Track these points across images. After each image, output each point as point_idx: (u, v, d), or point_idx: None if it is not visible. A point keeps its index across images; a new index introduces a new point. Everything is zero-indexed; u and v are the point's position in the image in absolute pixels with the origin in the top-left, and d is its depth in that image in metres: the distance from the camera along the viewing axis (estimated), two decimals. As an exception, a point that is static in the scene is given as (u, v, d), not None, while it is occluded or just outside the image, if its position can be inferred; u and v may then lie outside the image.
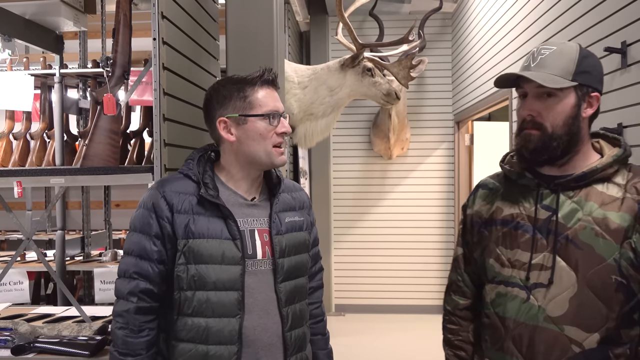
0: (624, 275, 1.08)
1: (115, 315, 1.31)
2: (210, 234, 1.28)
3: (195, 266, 1.27)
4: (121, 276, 1.32)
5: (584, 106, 1.19)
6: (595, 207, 1.13)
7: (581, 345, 1.08)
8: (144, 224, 1.30)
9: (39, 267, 3.16)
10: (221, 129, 1.32)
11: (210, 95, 1.36)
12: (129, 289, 1.29)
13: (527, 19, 3.05)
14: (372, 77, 3.32)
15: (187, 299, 1.28)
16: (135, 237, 1.31)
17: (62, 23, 2.56)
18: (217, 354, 1.27)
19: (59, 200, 2.98)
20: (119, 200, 4.81)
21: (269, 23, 2.16)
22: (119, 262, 1.36)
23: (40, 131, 2.58)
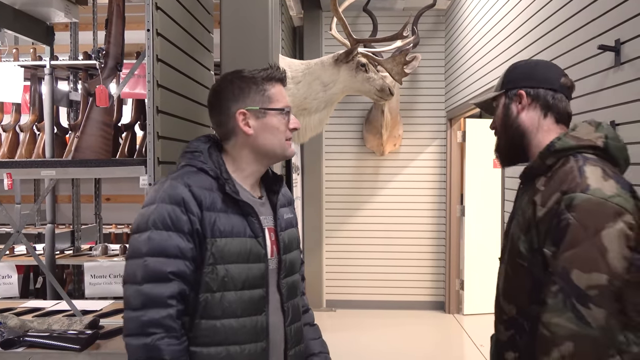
0: (526, 259, 1.23)
1: (150, 326, 1.16)
2: (234, 233, 1.25)
3: (225, 266, 1.23)
4: (151, 280, 1.18)
5: (513, 105, 1.34)
6: (525, 199, 1.27)
7: (507, 313, 1.29)
8: (175, 219, 1.20)
9: (28, 260, 3.13)
10: (240, 121, 1.29)
11: (222, 88, 1.33)
12: (169, 293, 1.17)
13: (520, 17, 3.05)
14: (365, 73, 3.31)
15: (216, 301, 1.23)
16: (162, 234, 1.19)
17: (52, 14, 2.52)
18: (251, 351, 1.25)
19: (48, 194, 2.95)
20: (110, 194, 4.78)
21: (263, 17, 2.15)
22: (139, 266, 1.19)
23: (30, 123, 2.55)
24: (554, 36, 2.55)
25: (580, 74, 2.27)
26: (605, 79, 2.06)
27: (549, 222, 1.16)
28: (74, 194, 3.21)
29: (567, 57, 2.40)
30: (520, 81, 1.35)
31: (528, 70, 1.37)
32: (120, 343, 1.75)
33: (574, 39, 2.33)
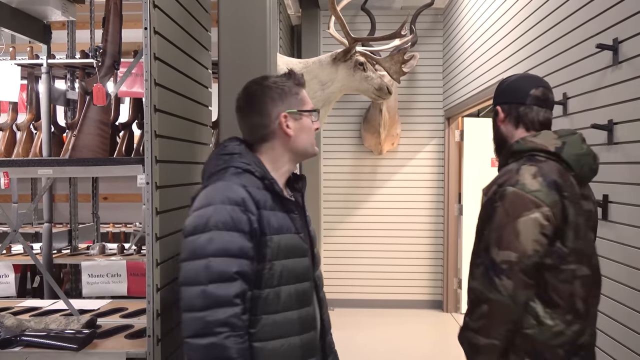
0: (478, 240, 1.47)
1: (217, 326, 1.17)
2: (284, 229, 1.30)
3: (281, 262, 1.28)
4: (216, 280, 1.19)
5: (496, 118, 1.56)
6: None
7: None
8: (236, 219, 1.22)
9: (25, 260, 3.12)
10: (282, 124, 1.35)
11: (260, 92, 1.36)
12: (234, 292, 1.19)
13: (518, 16, 3.05)
14: (364, 72, 3.31)
15: (276, 296, 1.27)
16: (224, 235, 1.21)
17: (49, 12, 2.51)
18: (307, 341, 1.32)
19: (45, 193, 2.94)
20: (107, 194, 4.76)
21: (262, 15, 2.14)
22: (201, 267, 1.19)
23: (27, 122, 2.54)
24: (552, 35, 2.55)
25: (578, 73, 2.27)
26: (603, 78, 2.06)
27: (486, 209, 1.42)
28: (71, 193, 3.20)
29: (565, 55, 2.40)
30: (498, 98, 1.57)
31: (503, 87, 1.57)
32: (117, 342, 1.76)
33: (572, 38, 2.34)
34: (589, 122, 2.11)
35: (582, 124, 2.23)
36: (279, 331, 1.26)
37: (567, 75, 2.38)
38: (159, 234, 1.66)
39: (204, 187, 1.31)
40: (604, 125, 2.00)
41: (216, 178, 1.30)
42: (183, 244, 1.24)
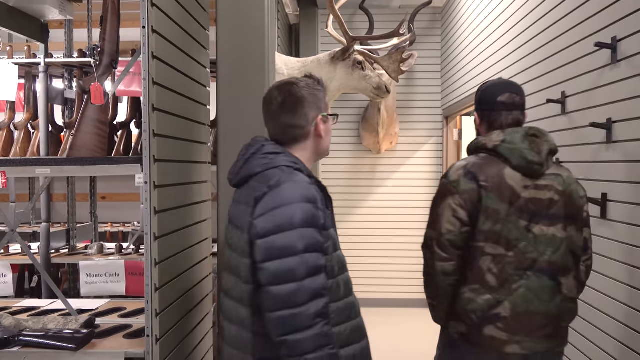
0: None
1: (316, 317, 1.23)
2: (332, 224, 1.40)
3: (336, 253, 1.38)
4: (311, 275, 1.24)
5: (475, 123, 1.79)
6: None
7: None
8: (314, 217, 1.28)
9: (23, 259, 3.11)
10: (319, 126, 1.43)
11: (300, 95, 1.40)
12: (322, 284, 1.26)
13: (517, 15, 3.05)
14: (362, 71, 3.30)
15: (337, 285, 1.36)
16: (309, 232, 1.26)
17: (47, 11, 2.50)
18: (360, 324, 1.42)
19: (43, 192, 2.93)
20: (105, 193, 4.75)
21: (260, 14, 2.13)
22: (297, 264, 1.24)
23: (24, 121, 2.53)
24: (551, 33, 2.55)
25: (577, 72, 2.27)
26: (601, 77, 2.06)
27: None
28: (69, 192, 3.19)
29: (564, 54, 2.40)
30: (475, 104, 1.79)
31: (478, 95, 1.78)
32: (116, 342, 1.75)
33: (570, 37, 2.33)
34: (588, 121, 2.11)
35: (580, 123, 2.23)
36: (342, 317, 1.34)
37: (566, 73, 2.38)
38: (157, 234, 1.66)
39: (271, 187, 1.30)
40: (603, 123, 2.00)
41: (277, 178, 1.31)
42: (261, 243, 1.26)
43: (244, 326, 1.34)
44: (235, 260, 1.35)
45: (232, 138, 2.12)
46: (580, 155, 2.25)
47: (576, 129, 2.28)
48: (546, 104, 2.53)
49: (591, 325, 2.14)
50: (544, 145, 1.60)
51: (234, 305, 1.37)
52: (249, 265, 1.30)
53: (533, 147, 1.59)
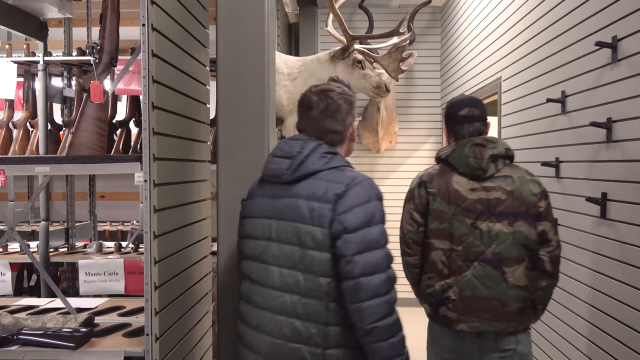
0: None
1: (394, 304, 1.37)
2: None
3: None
4: (390, 265, 1.38)
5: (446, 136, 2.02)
6: None
7: None
8: (384, 214, 1.43)
9: (22, 258, 3.10)
10: (354, 131, 1.55)
11: (342, 102, 1.50)
12: (395, 274, 1.40)
13: (517, 14, 3.05)
14: (362, 70, 3.30)
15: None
16: (384, 227, 1.41)
17: (46, 9, 2.49)
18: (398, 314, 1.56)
19: (42, 191, 2.93)
20: (104, 192, 4.75)
21: (260, 13, 2.13)
22: (383, 256, 1.36)
23: (23, 120, 2.53)
24: (551, 33, 2.55)
25: (577, 71, 2.27)
26: (602, 76, 2.06)
27: None
28: (68, 191, 3.18)
29: (564, 53, 2.40)
30: (444, 120, 2.03)
31: (445, 111, 2.00)
32: (115, 341, 1.75)
33: (571, 36, 2.33)
34: (588, 120, 2.11)
35: (580, 122, 2.23)
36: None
37: (566, 73, 2.38)
38: (157, 232, 1.65)
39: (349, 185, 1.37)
40: (603, 123, 2.00)
41: (352, 176, 1.40)
42: (351, 238, 1.32)
43: (313, 320, 1.34)
44: (303, 255, 1.35)
45: (231, 137, 2.12)
46: (580, 155, 2.25)
47: (576, 128, 2.28)
48: (546, 103, 2.53)
49: (592, 325, 2.14)
50: (487, 152, 1.82)
51: (298, 299, 1.36)
52: (329, 259, 1.33)
53: (476, 154, 1.83)
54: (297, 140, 1.46)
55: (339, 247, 1.32)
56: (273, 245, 1.41)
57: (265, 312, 1.41)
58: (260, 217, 1.46)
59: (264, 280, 1.42)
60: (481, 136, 1.88)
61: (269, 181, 1.48)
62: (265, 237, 1.44)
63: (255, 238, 1.47)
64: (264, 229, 1.45)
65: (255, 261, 1.46)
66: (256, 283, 1.45)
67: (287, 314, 1.38)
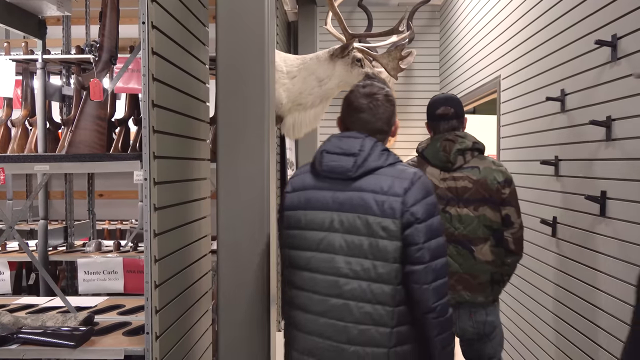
0: None
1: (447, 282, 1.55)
2: None
3: None
4: (446, 251, 1.53)
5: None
6: None
7: None
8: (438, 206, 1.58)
9: (21, 257, 3.10)
10: (395, 130, 1.65)
11: (390, 105, 1.61)
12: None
13: (516, 12, 3.05)
14: (361, 68, 3.29)
15: None
16: (440, 218, 1.52)
17: (45, 7, 2.49)
18: None
19: (41, 190, 2.92)
20: (103, 190, 4.74)
21: (260, 11, 2.12)
22: (444, 243, 1.50)
23: (22, 118, 2.52)
24: (551, 31, 2.55)
25: (576, 69, 2.27)
26: (601, 74, 2.06)
27: None
28: (67, 189, 3.18)
29: (564, 52, 2.40)
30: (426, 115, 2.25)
31: (427, 109, 2.23)
32: (115, 340, 1.75)
33: (570, 34, 2.33)
34: (587, 119, 2.11)
35: (580, 120, 2.23)
36: None
37: (566, 71, 2.38)
38: (157, 231, 1.65)
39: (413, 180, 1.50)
40: (603, 121, 2.00)
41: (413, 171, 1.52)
42: (422, 227, 1.45)
43: (383, 302, 1.46)
44: (373, 244, 1.47)
45: (231, 135, 2.12)
46: (579, 153, 2.25)
47: (575, 127, 2.29)
48: (545, 102, 2.53)
49: (592, 324, 2.14)
50: (455, 147, 2.10)
51: (368, 285, 1.47)
52: (400, 247, 1.45)
53: (445, 148, 2.11)
54: (354, 138, 1.55)
55: (410, 235, 1.45)
56: (337, 236, 1.50)
57: (333, 298, 1.49)
58: (318, 210, 1.53)
59: (326, 270, 1.50)
60: (453, 132, 2.14)
61: (326, 176, 1.55)
62: (324, 228, 1.52)
63: (312, 229, 1.54)
64: (324, 220, 1.52)
65: (312, 251, 1.53)
66: (316, 272, 1.52)
67: (357, 299, 1.47)
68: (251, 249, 2.11)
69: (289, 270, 1.62)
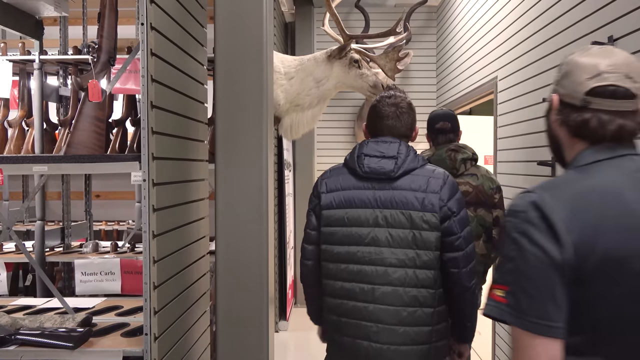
0: None
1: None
2: None
3: None
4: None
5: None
6: None
7: None
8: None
9: (17, 258, 3.09)
10: (415, 134, 1.83)
11: (413, 111, 1.82)
12: None
13: (512, 13, 3.06)
14: (358, 69, 3.30)
15: None
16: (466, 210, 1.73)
17: (42, 7, 2.48)
18: None
19: (38, 191, 2.91)
20: (100, 191, 4.73)
21: (258, 12, 2.13)
22: (470, 231, 1.68)
23: (18, 119, 2.51)
24: (548, 32, 2.56)
25: (573, 71, 2.28)
26: (598, 76, 2.07)
27: None
28: (64, 190, 3.17)
29: (560, 53, 2.41)
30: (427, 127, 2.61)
31: (427, 122, 2.59)
32: (113, 341, 1.74)
33: (567, 36, 2.35)
34: (584, 120, 2.12)
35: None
36: None
37: (562, 72, 2.39)
38: (155, 231, 1.65)
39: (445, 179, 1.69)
40: (599, 122, 2.01)
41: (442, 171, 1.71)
42: (458, 219, 1.64)
43: (427, 286, 1.63)
44: (417, 236, 1.65)
45: (229, 136, 2.12)
46: (576, 154, 2.26)
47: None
48: (542, 103, 2.54)
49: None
50: (459, 156, 2.43)
51: (413, 272, 1.64)
52: (439, 237, 1.63)
53: (451, 157, 2.43)
54: (390, 142, 1.74)
55: (448, 227, 1.62)
56: (382, 231, 1.67)
57: (383, 286, 1.64)
58: (361, 207, 1.69)
59: (374, 261, 1.66)
60: (454, 143, 2.49)
61: (367, 177, 1.71)
62: (369, 224, 1.68)
63: (357, 225, 1.70)
64: (368, 217, 1.68)
65: (359, 245, 1.69)
66: (364, 264, 1.68)
67: (405, 285, 1.64)
68: (249, 250, 2.11)
69: (332, 264, 1.73)
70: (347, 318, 1.69)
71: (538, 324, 0.90)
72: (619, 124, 0.97)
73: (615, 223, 0.91)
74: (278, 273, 4.51)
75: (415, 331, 1.63)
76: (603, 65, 0.99)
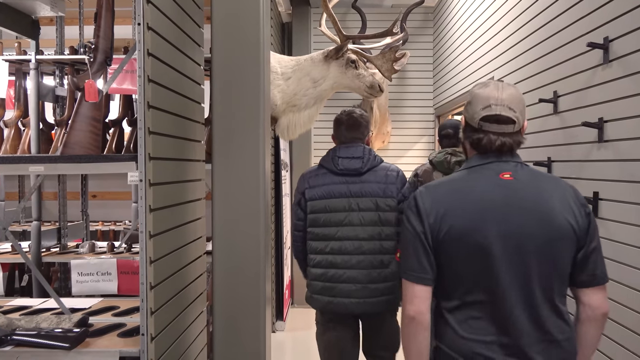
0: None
1: None
2: None
3: None
4: None
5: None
6: None
7: None
8: None
9: (13, 258, 3.08)
10: (369, 139, 2.46)
11: (366, 121, 2.47)
12: None
13: (509, 14, 3.07)
14: (355, 69, 3.30)
15: None
16: None
17: (38, 7, 2.48)
18: None
19: (35, 191, 2.90)
20: (96, 191, 4.72)
21: (255, 12, 2.13)
22: None
23: (15, 119, 2.51)
24: (543, 33, 2.57)
25: (569, 71, 2.29)
26: (593, 76, 2.08)
27: None
28: (60, 190, 3.16)
29: (556, 54, 2.42)
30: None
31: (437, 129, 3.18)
32: (110, 341, 1.74)
33: (563, 37, 2.36)
34: (580, 120, 2.13)
35: (572, 122, 2.25)
36: None
37: (558, 73, 2.40)
38: (152, 232, 1.65)
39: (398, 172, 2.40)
40: (595, 123, 2.02)
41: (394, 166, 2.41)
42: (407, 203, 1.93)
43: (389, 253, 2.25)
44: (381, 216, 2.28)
45: (226, 136, 2.12)
46: (571, 154, 2.27)
47: (568, 128, 2.31)
48: (538, 103, 2.55)
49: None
50: (453, 159, 2.80)
51: (380, 243, 2.27)
52: (396, 215, 2.28)
53: (447, 159, 2.82)
54: (355, 147, 2.37)
55: (402, 208, 2.20)
56: (355, 214, 2.27)
57: (360, 255, 2.25)
58: (338, 197, 2.29)
59: (351, 237, 2.26)
60: (452, 148, 2.87)
61: (341, 174, 2.32)
62: (345, 209, 2.28)
63: (336, 211, 2.29)
64: (344, 205, 2.28)
65: (338, 226, 2.28)
66: (344, 239, 2.27)
67: (376, 253, 2.26)
68: (246, 250, 2.11)
69: (316, 242, 2.31)
70: (331, 282, 2.26)
71: (412, 275, 1.36)
72: (502, 141, 1.39)
73: (461, 210, 1.33)
74: (275, 273, 4.51)
75: (383, 286, 2.24)
76: (492, 99, 1.38)
